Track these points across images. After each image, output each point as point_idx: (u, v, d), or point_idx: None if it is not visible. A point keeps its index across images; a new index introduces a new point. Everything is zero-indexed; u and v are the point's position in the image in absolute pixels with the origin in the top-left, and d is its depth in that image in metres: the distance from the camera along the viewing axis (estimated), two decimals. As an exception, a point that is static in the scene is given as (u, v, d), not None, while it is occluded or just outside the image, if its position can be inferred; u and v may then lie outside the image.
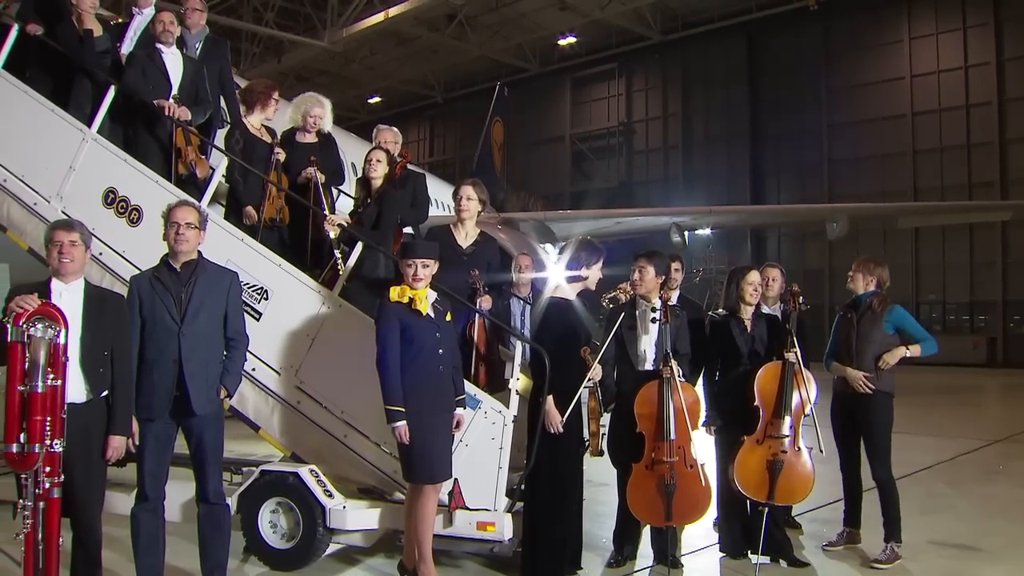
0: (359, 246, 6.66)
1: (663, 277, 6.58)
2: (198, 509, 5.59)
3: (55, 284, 4.92)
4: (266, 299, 6.56)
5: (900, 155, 33.38)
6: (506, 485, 6.12)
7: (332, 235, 6.89)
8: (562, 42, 40.61)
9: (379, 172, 7.20)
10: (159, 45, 7.59)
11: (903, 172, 33.28)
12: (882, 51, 34.33)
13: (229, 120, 8.51)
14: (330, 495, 6.16)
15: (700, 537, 7.27)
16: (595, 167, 42.95)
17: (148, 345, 5.31)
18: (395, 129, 8.06)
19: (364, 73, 45.19)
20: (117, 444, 5.02)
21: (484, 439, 6.12)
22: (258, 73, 41.49)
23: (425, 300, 5.75)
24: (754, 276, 6.89)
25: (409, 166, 8.17)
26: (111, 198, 7.06)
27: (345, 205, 8.14)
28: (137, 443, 5.25)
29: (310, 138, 7.87)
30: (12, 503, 4.57)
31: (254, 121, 7.51)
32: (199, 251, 5.58)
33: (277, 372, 6.52)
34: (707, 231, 29.76)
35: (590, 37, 40.47)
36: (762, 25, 36.33)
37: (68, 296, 4.89)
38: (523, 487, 6.12)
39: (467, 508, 6.04)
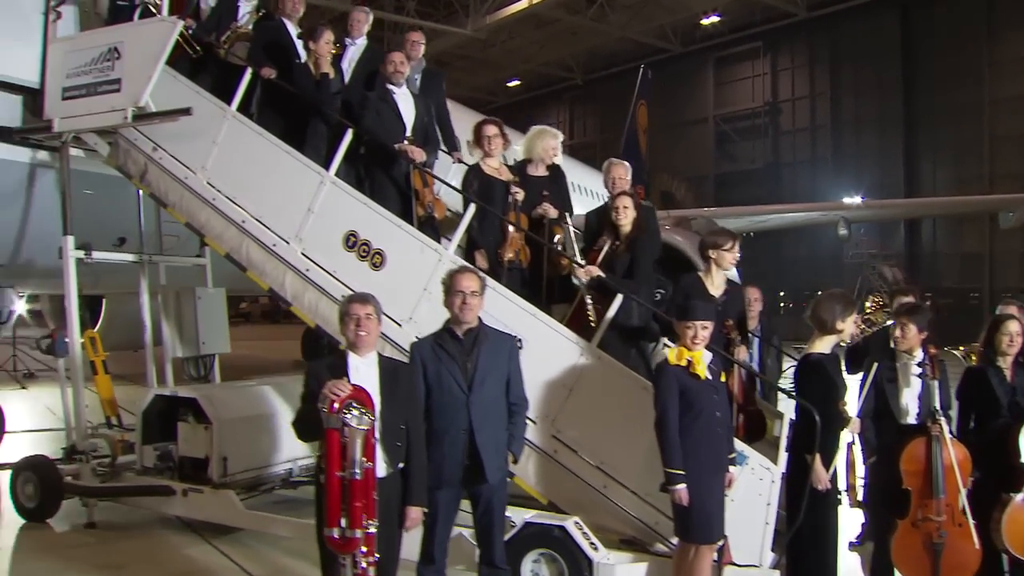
0: (618, 298, 6.56)
1: (925, 333, 6.33)
2: (480, 571, 5.64)
3: (352, 359, 4.94)
4: (521, 348, 6.51)
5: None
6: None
7: (581, 280, 6.83)
8: (705, 21, 39.99)
9: (628, 218, 7.07)
10: (390, 86, 7.62)
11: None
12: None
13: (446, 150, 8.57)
14: (595, 548, 6.09)
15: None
16: (739, 148, 42.19)
17: (436, 414, 5.33)
18: (627, 163, 7.92)
19: (503, 56, 45.26)
20: (415, 515, 5.03)
21: (751, 495, 5.99)
22: (401, 61, 41.96)
23: (703, 363, 5.63)
24: (1012, 327, 6.53)
25: None
26: (352, 241, 7.12)
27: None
28: (427, 510, 5.28)
29: (541, 171, 7.81)
30: None
31: (491, 162, 7.47)
32: (479, 316, 5.56)
33: (533, 421, 6.48)
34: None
35: (734, 15, 39.69)
36: (917, -3, 34.83)
37: (365, 370, 4.91)
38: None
39: (736, 564, 5.94)
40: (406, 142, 7.39)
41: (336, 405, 4.44)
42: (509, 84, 49.84)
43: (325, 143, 7.59)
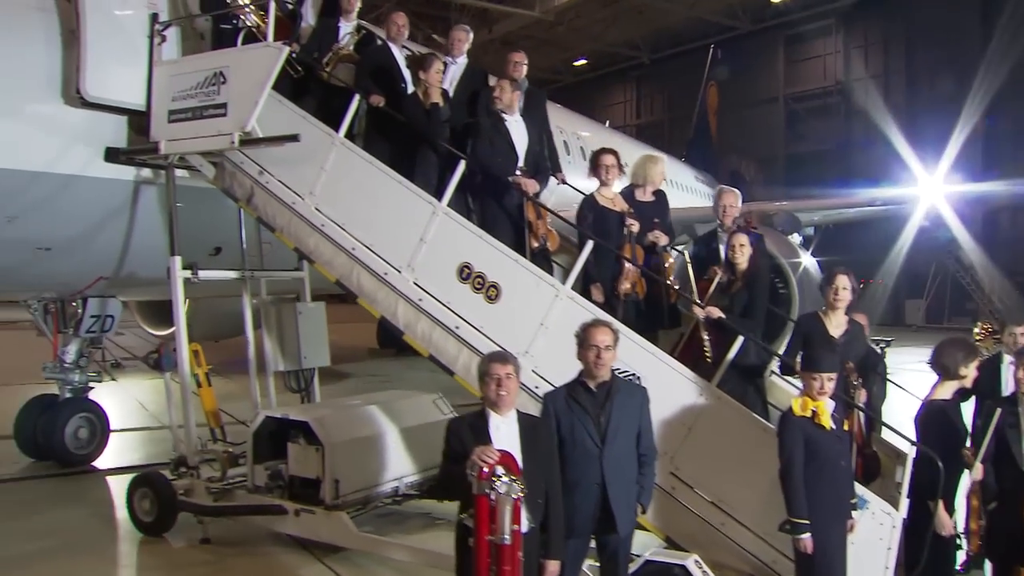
0: (739, 339, 6.56)
1: None
2: None
3: (493, 418, 4.98)
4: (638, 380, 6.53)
5: None
6: None
7: (699, 317, 6.83)
8: (775, -1, 39.36)
9: (745, 256, 7.08)
10: (503, 114, 7.63)
11: None
12: None
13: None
14: (715, 586, 6.14)
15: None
16: (810, 128, 41.39)
17: (569, 466, 5.35)
18: (737, 191, 7.87)
19: (569, 36, 44.97)
20: (553, 568, 5.05)
21: (872, 539, 5.96)
22: (471, 45, 41.90)
23: (827, 413, 5.62)
24: None
25: None
26: (466, 273, 7.17)
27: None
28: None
29: (649, 196, 7.80)
30: None
31: (606, 192, 7.47)
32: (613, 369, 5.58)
33: (653, 460, 6.52)
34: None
35: (806, -8, 39.04)
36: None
37: (505, 428, 4.95)
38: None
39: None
40: (519, 173, 7.40)
41: (486, 470, 4.50)
42: (576, 63, 49.52)
43: (436, 172, 7.65)
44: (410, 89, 8.41)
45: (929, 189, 26.57)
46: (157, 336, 18.63)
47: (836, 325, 6.72)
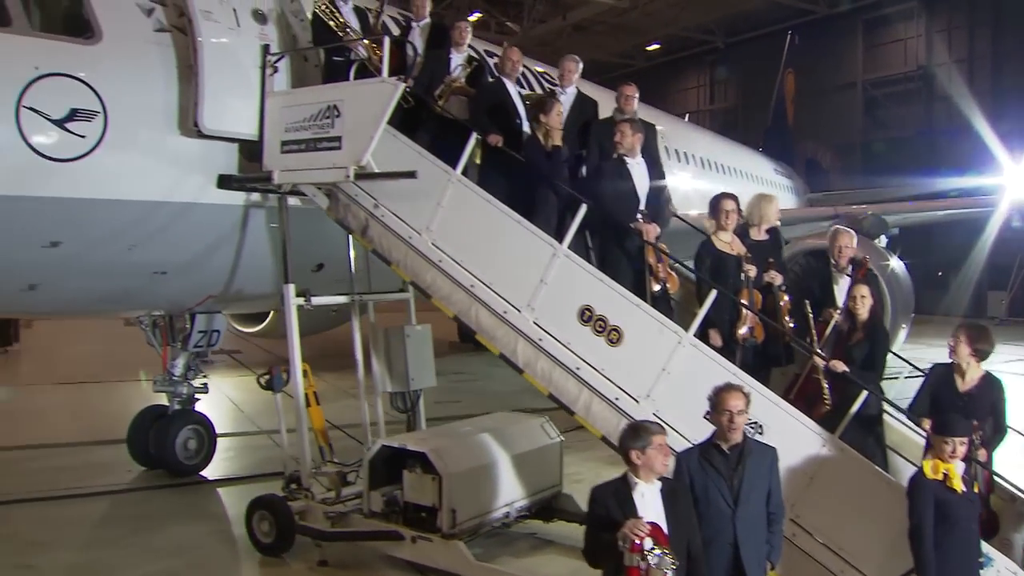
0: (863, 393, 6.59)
1: None
2: None
3: (639, 485, 5.11)
4: (760, 434, 6.59)
5: None
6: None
7: (819, 367, 6.89)
8: (855, -18, 38.63)
9: (866, 308, 7.14)
10: (625, 156, 7.71)
11: None
12: None
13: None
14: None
15: None
16: (890, 115, 40.58)
17: (702, 525, 5.45)
18: (852, 232, 7.84)
19: (642, 20, 44.56)
20: None
21: (998, 599, 6.01)
22: (545, 31, 42.03)
23: (958, 476, 5.65)
24: None
25: None
26: (587, 315, 7.27)
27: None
28: None
29: (763, 235, 7.84)
30: None
31: (724, 236, 7.52)
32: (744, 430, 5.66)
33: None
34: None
35: (886, -26, 38.26)
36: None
37: (649, 495, 5.09)
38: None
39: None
40: (640, 217, 7.47)
41: (637, 543, 4.62)
42: (649, 48, 49.15)
43: (556, 214, 7.74)
44: (525, 125, 8.51)
45: (1015, 178, 26.05)
46: (246, 334, 18.94)
47: (968, 381, 6.71)
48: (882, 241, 18.42)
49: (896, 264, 14.67)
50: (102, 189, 8.61)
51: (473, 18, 42.09)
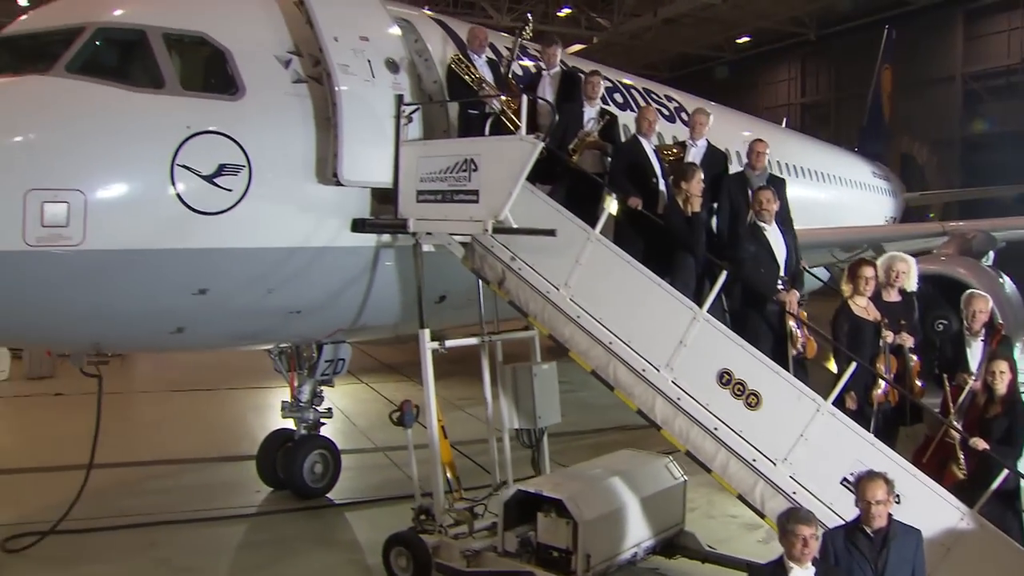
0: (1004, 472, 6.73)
1: None
2: None
3: (794, 571, 5.37)
4: (897, 503, 6.72)
5: None
6: None
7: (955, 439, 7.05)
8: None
9: (1005, 383, 7.25)
10: (762, 224, 7.90)
11: None
12: None
13: None
14: None
15: None
16: (991, 109, 39.31)
17: None
18: (987, 296, 7.93)
19: (732, 12, 44.01)
20: None
21: None
22: (634, 27, 41.98)
23: None
24: None
25: None
26: (726, 379, 7.51)
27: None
28: None
29: (895, 296, 7.96)
30: None
31: (860, 301, 7.68)
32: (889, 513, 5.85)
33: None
34: None
35: (988, -37, 37.26)
36: None
37: (802, 578, 5.36)
38: None
39: None
40: (780, 284, 7.65)
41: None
42: (739, 40, 48.64)
43: (695, 278, 7.96)
44: (662, 184, 8.72)
45: None
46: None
47: None
48: (989, 258, 18.13)
49: (1008, 285, 14.58)
50: (246, 238, 9.05)
51: (563, 13, 42.31)
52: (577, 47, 45.43)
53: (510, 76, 10.22)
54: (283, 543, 10.74)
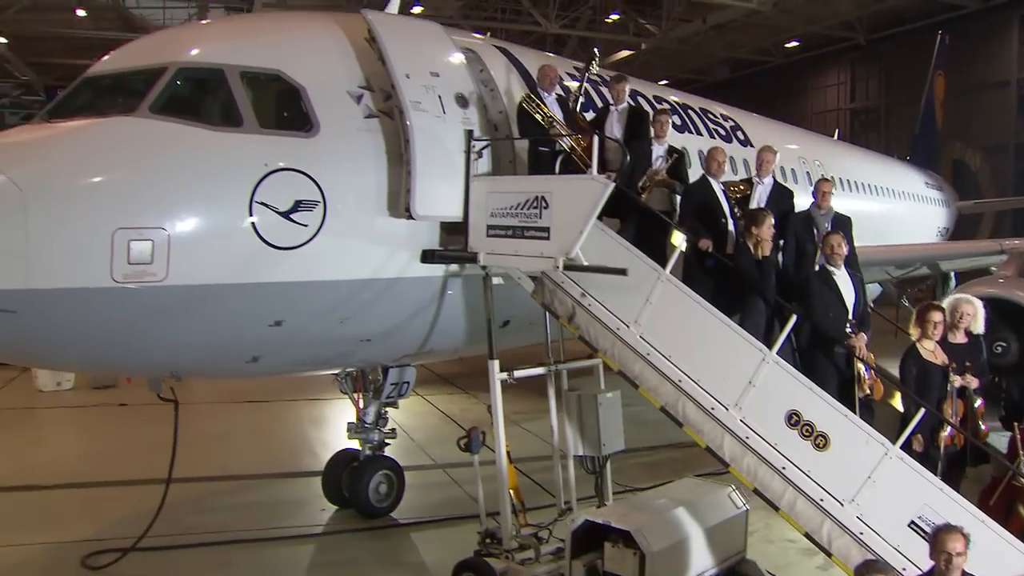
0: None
1: None
2: None
3: None
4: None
5: None
6: None
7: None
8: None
9: None
10: (831, 267, 8.07)
11: None
12: None
13: None
14: None
15: None
16: (1046, 116, 38.82)
17: None
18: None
19: (780, 17, 43.66)
20: None
21: None
22: (682, 33, 41.96)
23: None
24: None
25: None
26: (795, 420, 7.69)
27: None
28: None
29: (961, 338, 8.10)
30: None
31: (927, 344, 7.83)
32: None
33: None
34: None
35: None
36: None
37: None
38: None
39: None
40: (849, 328, 7.82)
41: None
42: (787, 45, 48.35)
43: (764, 320, 8.13)
44: (731, 224, 8.90)
45: None
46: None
47: None
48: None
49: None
50: (320, 272, 9.32)
51: (612, 19, 42.37)
52: (625, 53, 45.52)
53: (578, 111, 10.41)
54: (352, 564, 11.04)
